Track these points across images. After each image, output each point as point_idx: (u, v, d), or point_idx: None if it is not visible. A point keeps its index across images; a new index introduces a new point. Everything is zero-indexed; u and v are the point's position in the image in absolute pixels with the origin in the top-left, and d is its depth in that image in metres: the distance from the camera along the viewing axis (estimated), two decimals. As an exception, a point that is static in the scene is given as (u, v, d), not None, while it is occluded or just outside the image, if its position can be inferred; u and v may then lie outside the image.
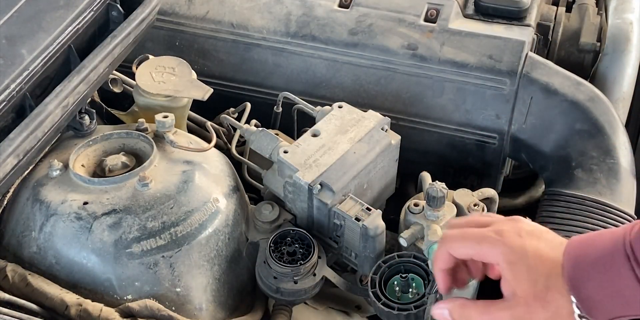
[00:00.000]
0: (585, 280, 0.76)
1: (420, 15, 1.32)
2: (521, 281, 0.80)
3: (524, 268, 0.79)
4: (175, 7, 1.37)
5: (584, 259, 0.77)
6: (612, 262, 0.75)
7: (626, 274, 0.74)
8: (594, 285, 0.76)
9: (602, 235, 0.78)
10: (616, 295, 0.75)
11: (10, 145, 0.92)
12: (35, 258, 0.99)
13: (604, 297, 0.76)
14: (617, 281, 0.75)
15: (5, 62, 0.98)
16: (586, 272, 0.76)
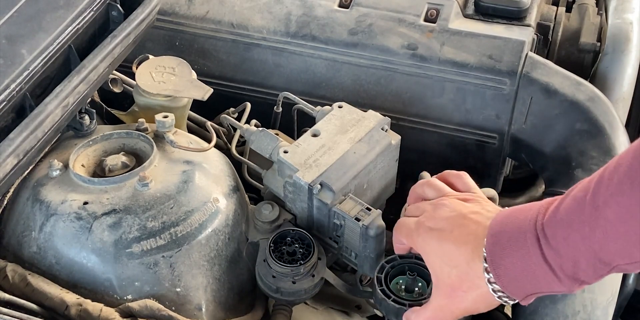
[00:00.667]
0: (501, 257, 0.79)
1: (420, 15, 1.32)
2: (440, 273, 0.85)
3: (442, 258, 0.84)
4: (175, 7, 1.37)
5: (502, 237, 0.80)
6: (525, 240, 0.78)
7: (535, 253, 0.77)
8: (509, 262, 0.79)
9: (523, 211, 0.81)
10: (528, 273, 0.78)
11: (10, 145, 0.92)
12: (35, 258, 0.99)
13: (518, 274, 0.79)
14: (528, 259, 0.77)
15: (5, 62, 0.98)
16: (503, 250, 0.79)
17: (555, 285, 0.78)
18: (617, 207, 0.71)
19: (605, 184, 0.73)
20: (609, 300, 1.12)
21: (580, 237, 0.74)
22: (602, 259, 0.75)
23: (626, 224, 0.71)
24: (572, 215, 0.75)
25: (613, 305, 1.13)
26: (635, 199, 0.70)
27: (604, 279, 1.12)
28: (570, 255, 0.75)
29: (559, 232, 0.76)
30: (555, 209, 0.77)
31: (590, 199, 0.73)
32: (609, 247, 0.74)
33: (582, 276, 0.77)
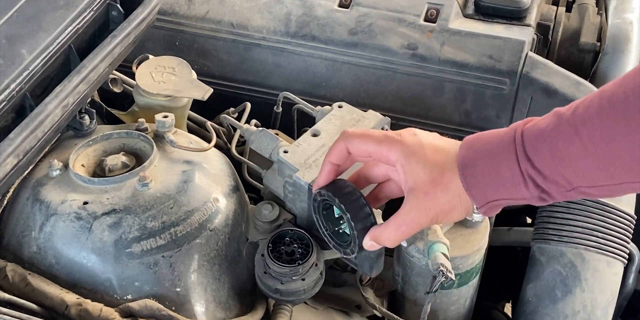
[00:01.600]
0: (472, 160, 0.81)
1: (420, 15, 1.32)
2: (418, 172, 0.84)
3: (421, 159, 0.84)
4: (175, 7, 1.37)
5: (476, 142, 0.82)
6: (500, 145, 0.80)
7: (509, 155, 0.79)
8: (480, 165, 0.81)
9: (496, 130, 0.83)
10: (495, 177, 0.80)
11: (10, 145, 0.92)
12: (35, 258, 0.99)
13: (485, 178, 0.81)
14: (500, 161, 0.79)
15: (5, 62, 0.98)
16: (475, 153, 0.81)
17: (521, 190, 0.80)
18: (592, 128, 0.74)
19: (587, 104, 0.75)
20: (609, 300, 1.12)
21: (550, 151, 0.76)
22: (566, 176, 0.77)
23: (597, 146, 0.74)
24: (549, 129, 0.77)
25: (613, 305, 1.13)
26: (611, 124, 0.73)
27: (604, 279, 1.12)
28: (539, 165, 0.77)
29: (533, 141, 0.78)
30: (535, 122, 0.79)
31: (569, 117, 0.76)
32: (575, 166, 0.76)
33: (546, 188, 0.79)
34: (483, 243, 1.07)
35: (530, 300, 1.14)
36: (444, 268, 0.96)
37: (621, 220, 1.17)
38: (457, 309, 1.16)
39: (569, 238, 1.14)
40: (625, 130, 0.72)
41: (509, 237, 1.36)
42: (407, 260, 1.07)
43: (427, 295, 0.99)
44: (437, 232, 1.01)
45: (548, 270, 1.13)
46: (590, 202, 1.16)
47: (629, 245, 1.17)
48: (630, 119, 0.72)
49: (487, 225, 1.08)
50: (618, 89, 0.74)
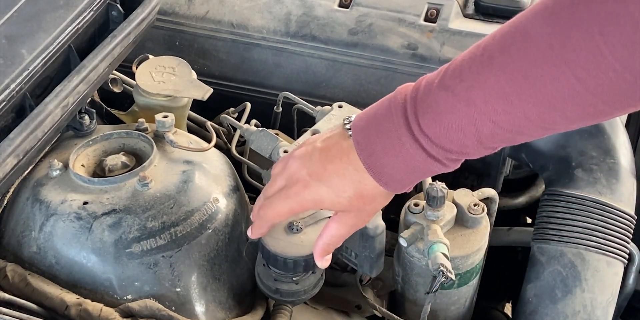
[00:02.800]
0: (377, 158, 0.79)
1: (420, 15, 1.32)
2: (338, 204, 0.84)
3: (330, 189, 0.83)
4: (175, 7, 1.37)
5: (372, 140, 0.79)
6: (397, 136, 0.77)
7: (413, 147, 0.77)
8: (388, 164, 0.79)
9: (380, 108, 0.81)
10: (407, 168, 0.79)
11: (10, 145, 0.92)
12: (35, 258, 0.99)
13: (397, 171, 0.80)
14: (407, 156, 0.78)
15: (5, 62, 0.98)
16: (377, 154, 0.79)
17: (439, 170, 0.79)
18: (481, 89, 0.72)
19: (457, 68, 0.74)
20: (609, 300, 1.12)
21: (460, 131, 0.75)
22: (486, 146, 0.77)
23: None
24: (450, 113, 0.74)
25: (613, 305, 1.13)
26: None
27: (604, 279, 1.12)
28: (455, 147, 0.76)
29: (438, 126, 0.75)
30: (427, 103, 0.76)
31: (469, 92, 0.73)
32: (493, 136, 0.75)
33: (466, 157, 0.79)
34: (483, 243, 1.07)
35: (530, 300, 1.14)
36: (444, 268, 0.96)
37: (621, 220, 1.17)
38: (457, 309, 1.16)
39: (569, 238, 1.14)
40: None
41: (509, 237, 1.36)
42: (407, 260, 1.07)
43: (427, 295, 0.99)
44: (437, 232, 1.01)
45: (548, 270, 1.13)
46: (590, 202, 1.16)
47: (629, 245, 1.17)
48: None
49: (487, 225, 1.08)
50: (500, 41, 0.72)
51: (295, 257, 0.97)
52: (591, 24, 0.64)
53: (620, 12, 0.63)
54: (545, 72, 0.68)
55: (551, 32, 0.67)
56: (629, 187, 1.20)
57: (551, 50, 0.67)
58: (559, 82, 0.68)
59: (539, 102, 0.70)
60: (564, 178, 1.21)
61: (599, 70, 0.66)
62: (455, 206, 1.05)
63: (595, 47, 0.65)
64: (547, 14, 0.68)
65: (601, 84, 0.67)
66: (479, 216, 1.06)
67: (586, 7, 0.65)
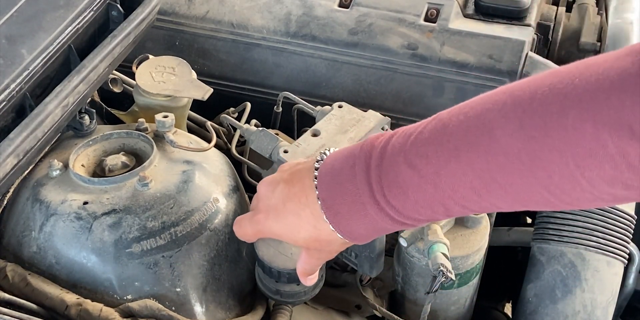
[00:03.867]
0: (345, 223, 0.80)
1: (420, 15, 1.32)
2: (298, 243, 0.88)
3: (292, 232, 0.86)
4: (175, 7, 1.37)
5: (337, 202, 0.80)
6: (361, 200, 0.78)
7: (374, 212, 0.77)
8: (355, 227, 0.80)
9: (345, 173, 0.80)
10: (372, 227, 0.79)
11: (10, 145, 0.92)
12: (35, 258, 0.99)
13: (362, 230, 0.81)
14: (371, 220, 0.78)
15: (5, 61, 0.98)
16: (343, 216, 0.80)
17: (407, 227, 0.80)
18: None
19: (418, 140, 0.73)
20: (609, 300, 1.12)
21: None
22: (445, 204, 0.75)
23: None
24: (409, 184, 0.74)
25: (613, 305, 1.13)
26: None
27: (604, 279, 1.12)
28: (409, 206, 0.76)
29: (403, 201, 0.75)
30: (388, 176, 0.76)
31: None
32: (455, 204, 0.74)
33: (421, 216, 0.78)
34: (483, 243, 1.07)
35: (530, 300, 1.14)
36: (444, 268, 0.96)
37: (621, 220, 1.17)
38: (457, 309, 1.16)
39: (569, 238, 1.14)
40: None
41: (509, 237, 1.36)
42: (407, 260, 1.07)
43: (427, 295, 0.99)
44: (437, 232, 1.01)
45: (548, 270, 1.13)
46: (591, 202, 1.16)
47: (629, 245, 1.17)
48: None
49: (487, 225, 1.08)
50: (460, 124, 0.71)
51: (279, 268, 0.97)
52: (565, 154, 0.63)
53: (598, 152, 0.61)
54: (516, 181, 0.67)
55: (521, 148, 0.65)
56: (629, 187, 1.20)
57: (522, 165, 0.66)
58: (531, 192, 0.67)
59: (509, 200, 0.70)
60: (564, 178, 1.21)
61: (574, 191, 0.65)
62: (455, 206, 1.05)
63: (570, 176, 0.64)
64: (515, 126, 0.65)
65: (577, 199, 0.66)
66: (479, 216, 1.06)
67: (560, 135, 0.63)
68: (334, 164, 0.81)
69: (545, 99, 0.63)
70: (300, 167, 0.85)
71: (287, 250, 0.98)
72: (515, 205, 0.71)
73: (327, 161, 0.82)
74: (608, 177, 0.62)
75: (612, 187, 0.63)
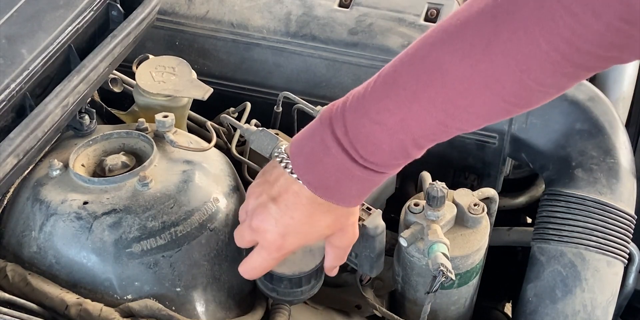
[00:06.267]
0: (308, 174, 0.86)
1: (421, 15, 1.32)
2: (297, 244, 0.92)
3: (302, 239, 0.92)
4: (175, 6, 1.37)
5: (301, 155, 0.86)
6: (328, 153, 0.83)
7: (342, 162, 0.83)
8: (325, 182, 0.85)
9: (312, 125, 0.87)
10: (341, 181, 0.85)
11: (10, 145, 0.92)
12: (35, 258, 0.99)
13: (333, 187, 0.85)
14: (339, 172, 0.84)
15: (5, 61, 0.98)
16: (308, 169, 0.86)
17: (383, 178, 0.85)
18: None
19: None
20: (609, 300, 1.12)
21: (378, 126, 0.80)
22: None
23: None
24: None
25: (613, 305, 1.13)
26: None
27: (604, 279, 1.12)
28: (372, 147, 0.81)
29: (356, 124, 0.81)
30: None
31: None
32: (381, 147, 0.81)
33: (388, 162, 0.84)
34: (483, 243, 1.07)
35: (530, 300, 1.14)
36: (444, 268, 0.96)
37: (621, 220, 1.17)
38: (457, 309, 1.16)
39: (569, 238, 1.15)
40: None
41: (509, 237, 1.36)
42: (407, 260, 1.07)
43: (427, 295, 0.99)
44: (437, 232, 1.01)
45: (548, 270, 1.13)
46: (590, 202, 1.16)
47: (629, 245, 1.17)
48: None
49: (487, 225, 1.08)
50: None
51: (273, 271, 0.98)
52: (510, 65, 0.72)
53: (536, 53, 0.70)
54: (475, 101, 0.76)
55: (472, 72, 0.74)
56: (629, 187, 1.20)
57: (477, 85, 0.74)
58: (491, 105, 0.77)
59: (473, 120, 0.80)
60: (564, 178, 1.21)
61: (525, 93, 0.75)
62: (455, 206, 1.05)
63: (520, 81, 0.73)
64: (460, 54, 0.74)
65: (529, 101, 0.77)
66: (479, 216, 1.06)
67: (500, 50, 0.72)
68: (302, 149, 0.86)
69: (477, 25, 0.72)
70: (267, 174, 0.91)
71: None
72: (479, 122, 0.80)
73: (293, 150, 0.87)
74: (549, 71, 0.72)
75: (555, 79, 0.74)
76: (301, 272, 0.98)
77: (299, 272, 0.98)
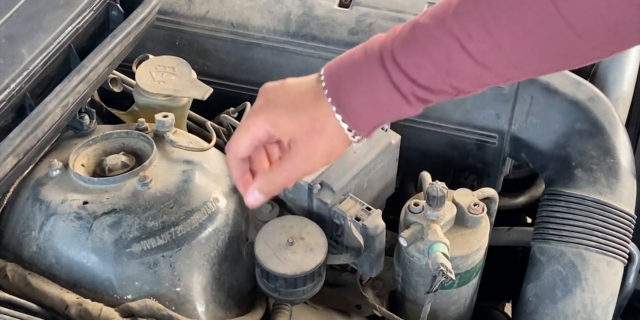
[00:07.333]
0: (346, 92, 0.79)
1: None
2: (289, 126, 0.82)
3: (285, 113, 0.82)
4: (175, 6, 1.37)
5: (341, 73, 0.80)
6: (368, 68, 0.78)
7: (382, 80, 0.77)
8: (354, 96, 0.79)
9: (356, 49, 0.81)
10: (374, 102, 0.78)
11: (10, 145, 0.92)
12: (35, 258, 0.99)
13: (364, 106, 0.79)
14: (373, 87, 0.77)
15: (5, 61, 0.98)
16: (345, 84, 0.79)
17: (404, 109, 0.79)
18: (471, 24, 0.72)
19: (465, 10, 0.73)
20: (609, 300, 1.12)
21: (432, 64, 0.75)
22: (454, 84, 0.76)
23: (481, 51, 0.73)
24: (426, 44, 0.75)
25: (613, 304, 1.13)
26: (492, 30, 0.71)
27: (604, 279, 1.12)
28: (424, 81, 0.76)
29: (411, 58, 0.76)
30: (406, 37, 0.77)
31: (447, 27, 0.74)
32: (462, 73, 0.75)
33: (432, 99, 0.78)
34: (483, 243, 1.07)
35: (530, 300, 1.14)
36: (444, 268, 0.96)
37: (621, 220, 1.17)
38: (457, 309, 1.16)
39: (569, 238, 1.14)
40: (508, 14, 0.70)
41: (509, 237, 1.36)
42: (407, 260, 1.07)
43: (427, 294, 0.99)
44: (437, 231, 1.01)
45: (548, 270, 1.13)
46: (590, 202, 1.16)
47: (629, 245, 1.17)
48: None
49: (487, 225, 1.08)
50: None
51: (269, 269, 0.98)
52: None
53: None
54: (533, 9, 0.69)
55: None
56: (629, 187, 1.20)
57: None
58: (547, 21, 0.69)
59: (516, 35, 0.71)
60: (564, 178, 1.21)
61: (588, 10, 0.66)
62: (455, 206, 1.05)
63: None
64: None
65: (591, 26, 0.68)
66: (479, 216, 1.06)
67: None
68: (343, 61, 0.81)
69: None
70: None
71: (283, 255, 0.98)
72: (522, 43, 0.72)
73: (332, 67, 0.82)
74: None
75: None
76: (302, 272, 0.98)
77: (300, 272, 0.98)
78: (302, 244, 1.00)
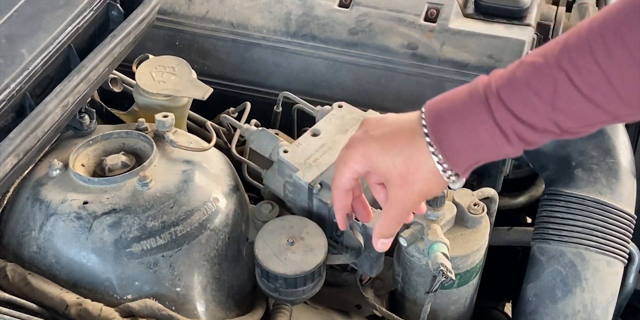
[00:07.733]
0: (445, 131, 0.78)
1: (421, 14, 1.32)
2: (383, 165, 0.82)
3: (380, 149, 0.82)
4: (175, 6, 1.37)
5: (442, 111, 0.79)
6: (472, 108, 0.77)
7: (485, 117, 0.75)
8: (455, 133, 0.78)
9: (459, 89, 0.80)
10: (475, 141, 0.77)
11: (10, 145, 0.92)
12: (35, 258, 0.99)
13: (463, 144, 0.78)
14: (476, 126, 0.76)
15: (5, 61, 0.98)
16: (446, 121, 0.78)
17: (504, 149, 0.77)
18: (583, 62, 0.71)
19: (574, 45, 0.71)
20: (609, 300, 1.12)
21: (538, 99, 0.73)
22: (559, 122, 0.74)
23: (592, 82, 0.70)
24: (532, 78, 0.74)
25: (613, 304, 1.13)
26: (602, 63, 0.70)
27: (604, 279, 1.12)
28: (528, 118, 0.74)
29: (516, 94, 0.74)
30: (511, 74, 0.76)
31: (554, 61, 0.72)
32: (569, 109, 0.73)
33: (534, 140, 0.76)
34: (483, 243, 1.07)
35: (530, 300, 1.14)
36: (444, 268, 0.96)
37: (621, 220, 1.17)
38: (457, 309, 1.16)
39: (569, 238, 1.14)
40: (623, 53, 0.68)
41: (509, 237, 1.36)
42: (407, 260, 1.07)
43: (427, 294, 0.99)
44: (437, 232, 1.01)
45: (548, 270, 1.13)
46: (590, 202, 1.16)
47: (629, 245, 1.17)
48: (627, 39, 0.68)
49: (487, 225, 1.08)
50: (599, 27, 0.70)
51: (269, 269, 0.98)
52: None
53: None
54: None
55: None
56: (628, 187, 1.20)
57: None
58: None
59: (627, 68, 0.69)
60: (564, 178, 1.21)
61: None
62: (455, 206, 1.05)
63: None
64: None
65: None
66: (479, 216, 1.06)
67: None
68: (444, 103, 0.80)
69: None
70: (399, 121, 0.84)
71: (283, 255, 0.98)
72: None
73: (433, 105, 0.81)
74: None
75: None
76: (302, 272, 0.98)
77: (300, 272, 0.98)
78: (302, 244, 1.00)
